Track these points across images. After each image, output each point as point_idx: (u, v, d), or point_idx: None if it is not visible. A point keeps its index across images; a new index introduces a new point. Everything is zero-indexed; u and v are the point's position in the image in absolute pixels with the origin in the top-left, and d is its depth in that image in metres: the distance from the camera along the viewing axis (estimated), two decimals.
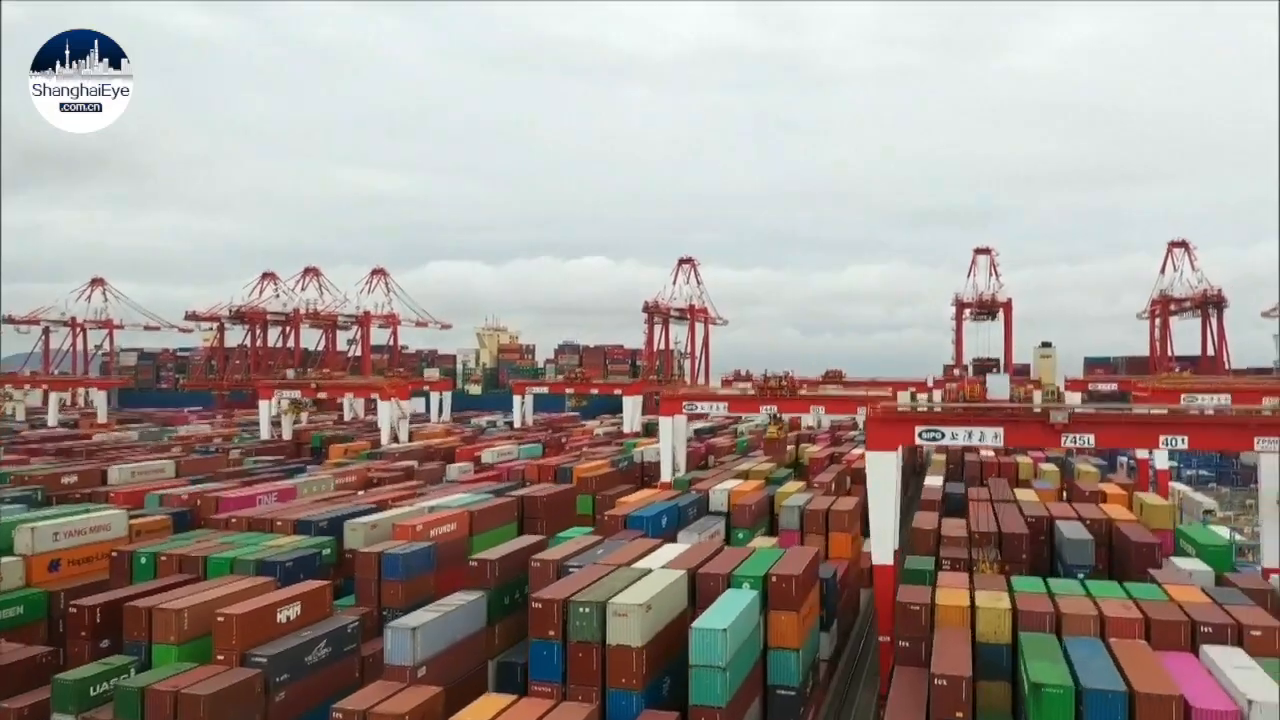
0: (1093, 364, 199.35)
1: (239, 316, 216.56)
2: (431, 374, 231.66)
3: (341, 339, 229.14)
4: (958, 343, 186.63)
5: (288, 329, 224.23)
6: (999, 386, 37.12)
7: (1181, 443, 34.39)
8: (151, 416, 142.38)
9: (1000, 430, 35.76)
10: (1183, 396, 67.38)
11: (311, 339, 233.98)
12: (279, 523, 45.04)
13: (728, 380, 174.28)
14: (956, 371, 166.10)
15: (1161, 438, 34.39)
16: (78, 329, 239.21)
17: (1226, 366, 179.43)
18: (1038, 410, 35.65)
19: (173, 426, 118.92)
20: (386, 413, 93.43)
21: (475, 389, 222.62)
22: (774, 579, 33.07)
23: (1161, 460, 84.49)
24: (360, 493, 57.12)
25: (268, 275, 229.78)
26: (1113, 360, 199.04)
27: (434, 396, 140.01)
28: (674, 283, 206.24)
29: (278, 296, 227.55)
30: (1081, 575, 40.83)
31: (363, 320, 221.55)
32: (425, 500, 51.39)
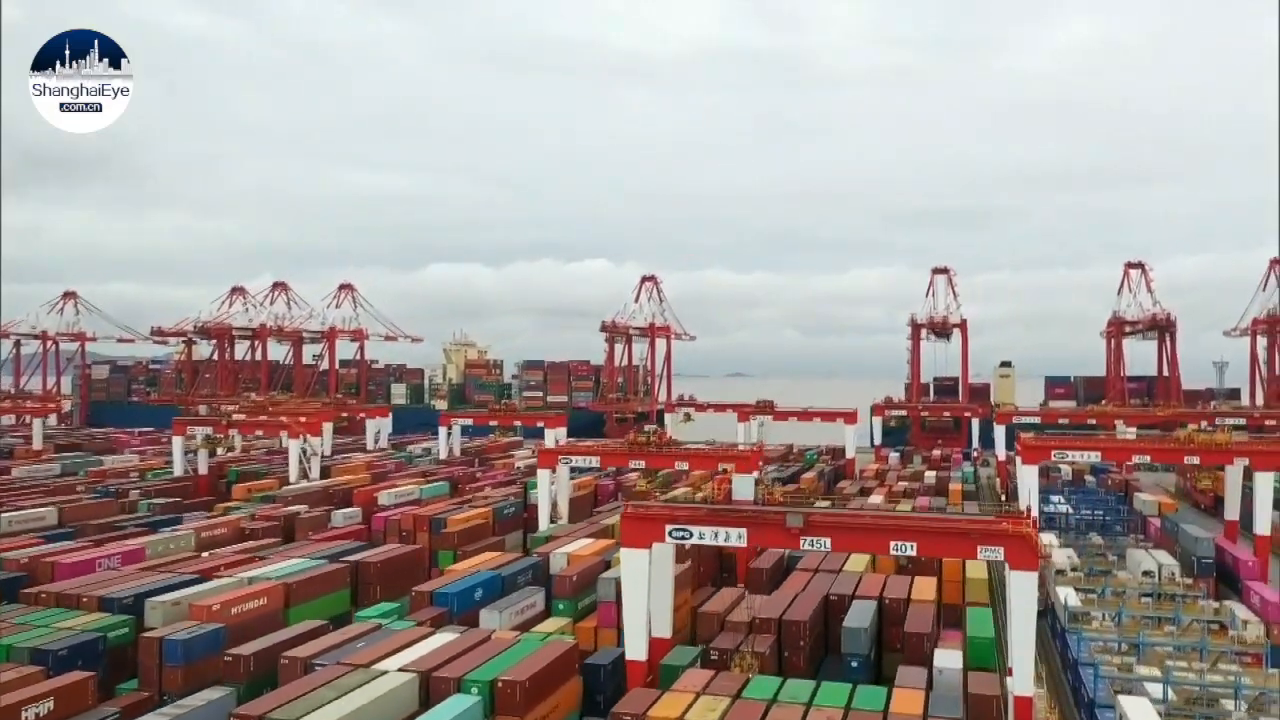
0: (1053, 383, 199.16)
1: (204, 332, 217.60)
2: (398, 389, 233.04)
3: (308, 354, 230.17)
4: (914, 363, 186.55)
5: (256, 343, 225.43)
6: (744, 488, 37.34)
7: (910, 549, 34.81)
8: (94, 441, 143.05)
9: (744, 530, 36.20)
10: (1053, 452, 67.64)
11: (281, 352, 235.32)
12: (85, 599, 45.49)
13: (670, 406, 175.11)
14: (897, 399, 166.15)
15: (891, 544, 34.76)
16: (48, 342, 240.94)
17: (1181, 387, 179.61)
18: (776, 513, 36.00)
19: (105, 456, 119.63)
20: (294, 451, 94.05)
21: (441, 404, 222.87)
22: (500, 684, 33.47)
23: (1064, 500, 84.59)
24: (205, 554, 57.51)
25: (237, 290, 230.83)
26: (1073, 380, 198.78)
27: (371, 423, 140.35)
28: (636, 300, 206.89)
29: (246, 311, 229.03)
30: (856, 664, 41.37)
31: (328, 336, 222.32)
32: (256, 567, 51.80)
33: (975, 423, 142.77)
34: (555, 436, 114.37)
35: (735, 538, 36.53)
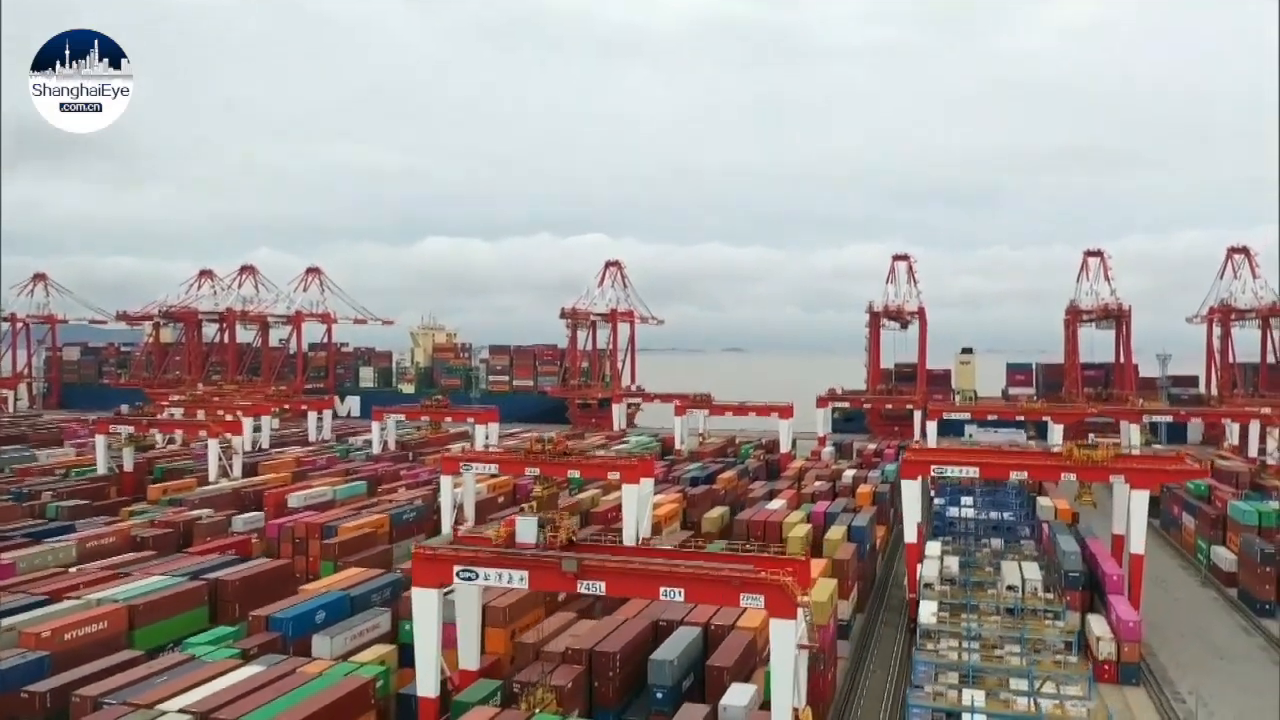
0: (1013, 370, 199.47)
1: (169, 316, 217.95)
2: (366, 372, 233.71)
3: (276, 337, 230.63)
4: (873, 350, 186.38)
5: (224, 326, 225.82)
6: (527, 531, 37.84)
7: (679, 595, 35.40)
8: (39, 432, 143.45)
9: (526, 573, 36.80)
10: (933, 467, 67.97)
11: (251, 335, 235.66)
12: None
13: (618, 397, 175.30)
14: (838, 389, 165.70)
15: (661, 589, 35.35)
16: (18, 324, 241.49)
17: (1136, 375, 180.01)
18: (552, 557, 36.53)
19: (45, 450, 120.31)
20: (213, 451, 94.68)
21: (408, 388, 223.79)
22: None
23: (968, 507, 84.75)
24: (74, 570, 58.15)
25: (205, 273, 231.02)
26: (1034, 367, 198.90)
27: (312, 416, 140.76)
28: (600, 285, 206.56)
29: (214, 294, 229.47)
30: (661, 695, 42.02)
31: (294, 320, 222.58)
32: (112, 586, 52.33)
33: (918, 414, 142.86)
34: (486, 433, 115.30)
35: (518, 580, 37.15)
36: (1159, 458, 73.08)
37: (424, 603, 38.08)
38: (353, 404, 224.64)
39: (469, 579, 37.50)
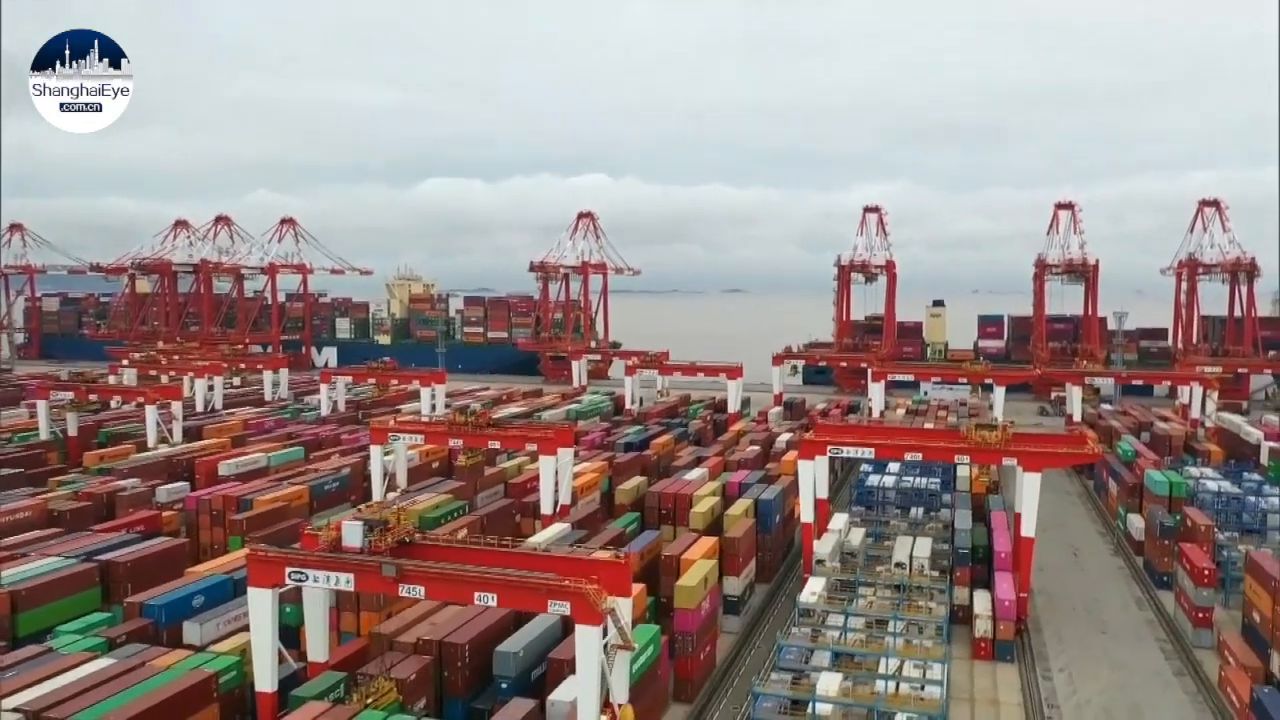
0: (985, 322, 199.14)
1: (143, 268, 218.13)
2: (343, 323, 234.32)
3: (251, 288, 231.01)
4: (841, 304, 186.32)
5: (199, 278, 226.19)
6: (352, 534, 38.65)
7: (492, 600, 36.36)
8: (4, 390, 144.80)
9: (351, 576, 37.80)
10: (829, 448, 68.39)
11: (228, 286, 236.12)
12: None
13: (577, 354, 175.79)
14: (811, 343, 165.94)
15: (475, 595, 36.27)
16: None
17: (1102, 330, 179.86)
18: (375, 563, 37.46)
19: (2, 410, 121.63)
20: (150, 418, 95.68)
21: (385, 339, 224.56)
22: None
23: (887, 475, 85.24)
24: None
25: (180, 224, 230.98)
26: (1004, 319, 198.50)
27: (268, 375, 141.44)
28: (570, 237, 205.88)
29: (190, 244, 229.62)
30: (505, 685, 43.19)
31: (269, 271, 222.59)
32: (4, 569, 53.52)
33: (870, 372, 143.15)
34: (430, 395, 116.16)
35: (344, 582, 38.18)
36: (1054, 438, 73.55)
37: (259, 602, 39.13)
38: (330, 355, 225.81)
39: (300, 580, 38.51)
